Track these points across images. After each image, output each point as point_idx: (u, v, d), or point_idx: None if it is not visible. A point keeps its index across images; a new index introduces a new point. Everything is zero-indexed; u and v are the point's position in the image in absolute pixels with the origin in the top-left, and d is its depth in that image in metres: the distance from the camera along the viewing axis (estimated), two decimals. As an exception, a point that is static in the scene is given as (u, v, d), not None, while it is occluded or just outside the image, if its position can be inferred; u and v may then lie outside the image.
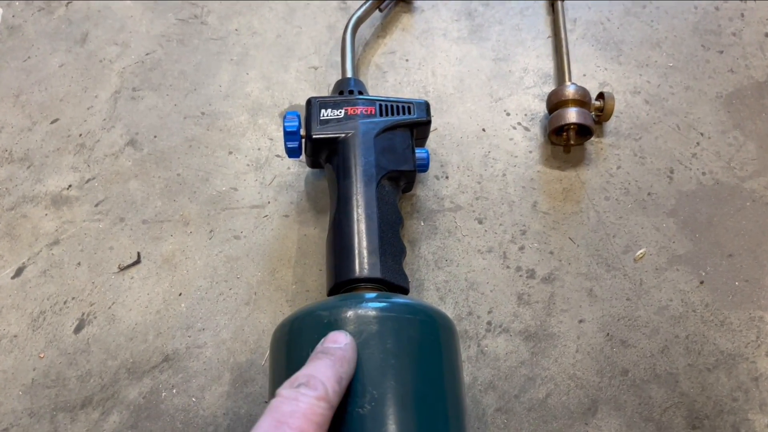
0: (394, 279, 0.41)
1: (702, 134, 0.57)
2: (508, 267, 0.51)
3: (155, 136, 0.58)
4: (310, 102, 0.48)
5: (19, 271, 0.51)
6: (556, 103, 0.55)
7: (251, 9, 0.65)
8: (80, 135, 0.58)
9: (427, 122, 0.49)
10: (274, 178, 0.55)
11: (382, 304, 0.36)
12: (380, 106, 0.48)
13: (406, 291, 0.43)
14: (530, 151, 0.56)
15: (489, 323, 0.48)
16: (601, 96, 0.56)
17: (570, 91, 0.54)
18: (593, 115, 0.55)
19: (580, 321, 0.49)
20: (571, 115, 0.53)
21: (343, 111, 0.47)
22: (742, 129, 0.57)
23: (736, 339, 0.48)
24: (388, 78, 0.61)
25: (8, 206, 0.54)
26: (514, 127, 0.58)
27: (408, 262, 0.50)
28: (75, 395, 0.46)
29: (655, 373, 0.47)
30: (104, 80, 0.61)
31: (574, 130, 0.54)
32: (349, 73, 0.54)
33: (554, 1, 0.64)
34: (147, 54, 0.63)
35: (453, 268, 0.51)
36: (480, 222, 0.53)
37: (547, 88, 0.60)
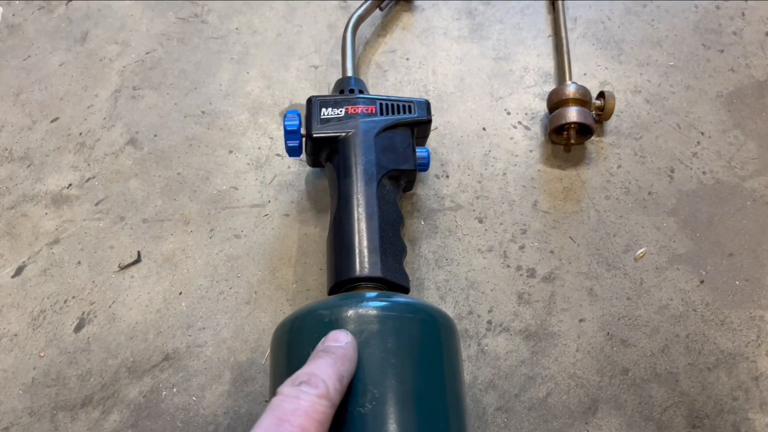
0: (394, 278, 0.41)
1: (702, 133, 0.57)
2: (508, 266, 0.51)
3: (155, 135, 0.58)
4: (310, 101, 0.48)
5: (19, 270, 0.51)
6: (556, 102, 0.55)
7: (252, 8, 0.65)
8: (80, 134, 0.58)
9: (428, 121, 0.49)
10: (274, 177, 0.55)
11: (383, 303, 0.36)
12: (381, 105, 0.48)
13: (407, 290, 0.43)
14: (531, 150, 0.56)
15: (489, 322, 0.48)
16: (601, 95, 0.56)
17: (570, 90, 0.54)
18: (594, 114, 0.55)
19: (581, 320, 0.49)
20: (572, 114, 0.53)
21: (343, 110, 0.47)
22: (743, 128, 0.57)
23: (737, 338, 0.48)
24: (389, 77, 0.61)
25: (8, 205, 0.54)
26: (515, 126, 0.58)
27: (408, 261, 0.50)
28: (75, 394, 0.46)
29: (656, 372, 0.47)
30: (104, 79, 0.61)
31: (574, 129, 0.54)
32: (350, 72, 0.54)
33: (555, 0, 0.64)
34: (147, 53, 0.63)
35: (453, 267, 0.51)
36: (480, 221, 0.53)
37: (547, 87, 0.60)
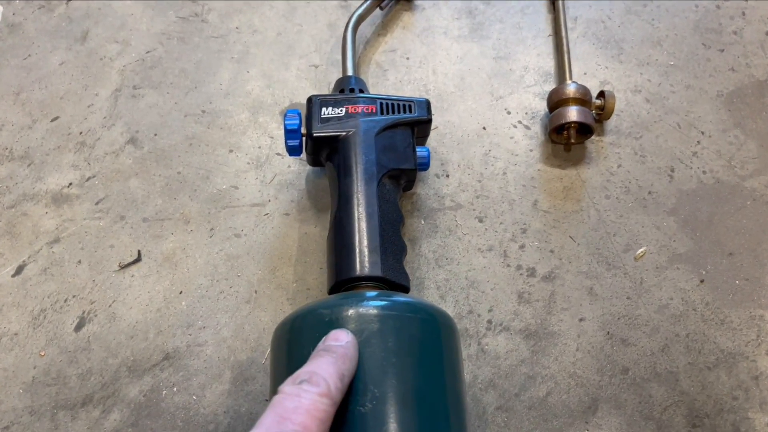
0: (394, 277, 0.41)
1: (703, 133, 0.57)
2: (508, 265, 0.51)
3: (156, 134, 0.58)
4: (310, 100, 0.48)
5: (19, 270, 0.51)
6: (556, 101, 0.55)
7: (252, 7, 0.65)
8: (81, 133, 0.58)
9: (428, 120, 0.49)
10: (274, 177, 0.55)
11: (383, 302, 0.36)
12: (381, 104, 0.48)
13: (407, 289, 0.43)
14: (531, 150, 0.56)
15: (489, 322, 0.49)
16: (601, 94, 0.56)
17: (571, 90, 0.54)
18: (594, 113, 0.55)
19: (581, 319, 0.49)
20: (572, 113, 0.53)
21: (343, 109, 0.47)
22: (743, 128, 0.57)
23: (737, 338, 0.48)
24: (389, 76, 0.61)
25: (9, 204, 0.54)
26: (515, 126, 0.58)
27: (409, 260, 0.50)
28: (75, 393, 0.46)
29: (656, 371, 0.47)
30: (105, 78, 0.61)
31: (574, 129, 0.54)
32: (350, 72, 0.54)
33: (555, -1, 0.64)
34: (147, 52, 0.63)
35: (453, 267, 0.51)
36: (480, 220, 0.53)
37: (547, 87, 0.60)
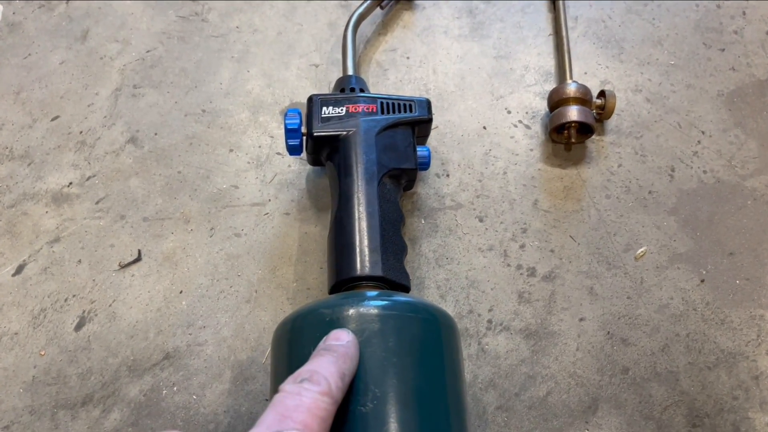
0: (395, 277, 0.41)
1: (703, 132, 0.57)
2: (508, 265, 0.51)
3: (156, 134, 0.57)
4: (311, 99, 0.48)
5: (19, 269, 0.51)
6: (557, 101, 0.55)
7: (252, 6, 0.65)
8: (81, 132, 0.58)
9: (429, 120, 0.49)
10: (274, 176, 0.55)
11: (384, 302, 0.36)
12: (382, 103, 0.48)
13: (408, 289, 0.43)
14: (531, 149, 0.56)
15: (490, 321, 0.49)
16: (602, 94, 0.56)
17: (571, 89, 0.54)
18: (594, 113, 0.55)
19: (581, 319, 0.49)
20: (572, 113, 0.53)
21: (344, 108, 0.47)
22: (744, 127, 0.57)
23: (737, 337, 0.48)
24: (389, 75, 0.61)
25: (9, 204, 0.54)
26: (515, 125, 0.58)
27: (409, 260, 0.50)
28: (76, 393, 0.46)
29: (656, 371, 0.47)
30: (105, 77, 0.61)
31: (575, 128, 0.54)
32: (350, 71, 0.54)
33: (555, -2, 0.64)
34: (148, 51, 0.63)
35: (454, 266, 0.51)
36: (481, 220, 0.53)
37: (548, 86, 0.60)
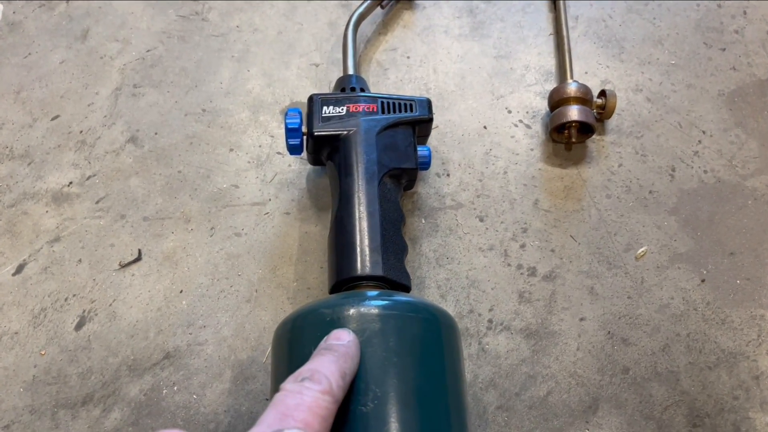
0: (395, 277, 0.41)
1: (704, 132, 0.57)
2: (509, 265, 0.51)
3: (156, 133, 0.57)
4: (311, 99, 0.48)
5: (20, 268, 0.51)
6: (557, 100, 0.55)
7: (252, 6, 0.65)
8: (81, 132, 0.58)
9: (429, 120, 0.49)
10: (275, 176, 0.55)
11: (385, 302, 0.36)
12: (382, 103, 0.48)
13: (408, 289, 0.43)
14: (532, 149, 0.56)
15: (490, 321, 0.48)
16: (602, 94, 0.56)
17: (571, 89, 0.54)
18: (595, 112, 0.55)
19: (581, 319, 0.49)
20: (573, 112, 0.53)
21: (344, 108, 0.47)
22: (744, 127, 0.57)
23: (737, 337, 0.48)
24: (390, 75, 0.61)
25: (9, 203, 0.54)
26: (516, 125, 0.58)
27: (409, 259, 0.50)
28: (76, 392, 0.46)
29: (656, 371, 0.47)
30: (105, 77, 0.61)
31: (575, 128, 0.54)
32: (351, 70, 0.54)
33: (556, -2, 0.64)
34: (148, 51, 0.62)
35: (454, 266, 0.51)
36: (481, 220, 0.53)
37: (548, 86, 0.60)
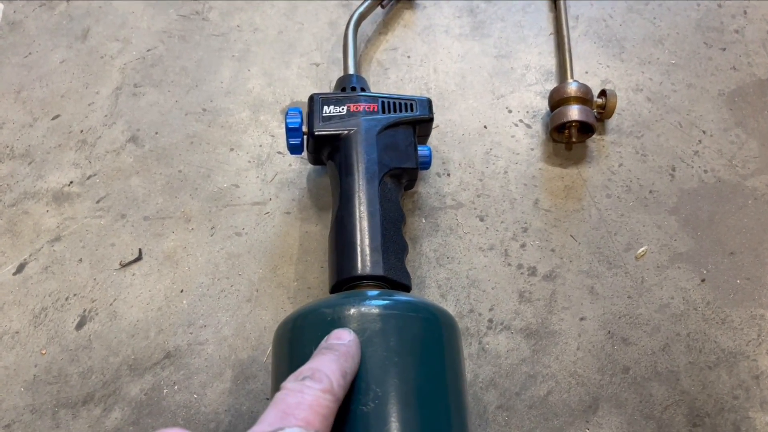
0: (396, 276, 0.41)
1: (704, 132, 0.57)
2: (509, 264, 0.51)
3: (156, 133, 0.57)
4: (312, 98, 0.48)
5: (20, 268, 0.51)
6: (558, 100, 0.55)
7: (253, 5, 0.65)
8: (81, 131, 0.58)
9: (430, 119, 0.49)
10: (275, 175, 0.55)
11: (385, 301, 0.36)
12: (383, 103, 0.48)
13: (409, 288, 0.43)
14: (532, 149, 0.56)
15: (490, 321, 0.49)
16: (603, 93, 0.56)
17: (572, 89, 0.54)
18: (595, 112, 0.55)
19: (582, 318, 0.49)
20: (573, 112, 0.53)
21: (345, 108, 0.47)
22: (745, 127, 0.57)
23: (738, 337, 0.48)
24: (390, 75, 0.61)
25: (9, 202, 0.54)
26: (516, 125, 0.58)
27: (410, 259, 0.50)
28: (77, 392, 0.46)
29: (656, 370, 0.47)
30: (105, 76, 0.61)
31: (575, 128, 0.54)
32: (351, 70, 0.54)
33: (556, -2, 0.64)
34: (148, 50, 0.62)
35: (454, 266, 0.51)
36: (481, 219, 0.53)
37: (549, 86, 0.60)
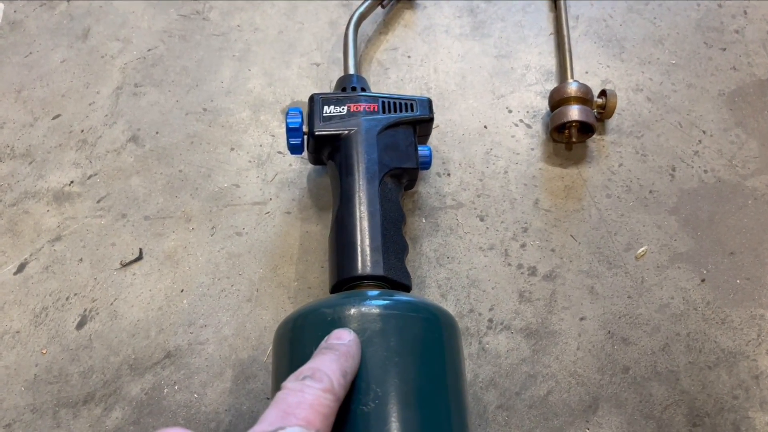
0: (396, 276, 0.41)
1: (704, 132, 0.57)
2: (509, 264, 0.51)
3: (157, 133, 0.58)
4: (312, 98, 0.48)
5: (21, 267, 0.51)
6: (558, 100, 0.55)
7: (253, 5, 0.65)
8: (82, 131, 0.58)
9: (430, 119, 0.49)
10: (276, 175, 0.55)
11: (385, 301, 0.36)
12: (383, 103, 0.48)
13: (409, 288, 0.43)
14: (532, 149, 0.56)
15: (490, 320, 0.49)
16: (603, 93, 0.56)
17: (572, 89, 0.54)
18: (595, 112, 0.55)
19: (582, 318, 0.49)
20: (573, 112, 0.53)
21: (345, 108, 0.47)
22: (744, 127, 0.57)
23: (737, 337, 0.48)
24: (390, 74, 0.61)
25: (10, 202, 0.54)
26: (516, 125, 0.58)
27: (410, 259, 0.50)
28: (77, 391, 0.46)
29: (656, 370, 0.47)
30: (106, 76, 0.61)
31: (576, 128, 0.54)
32: (352, 70, 0.54)
33: (557, -2, 0.64)
34: (149, 50, 0.63)
35: (455, 266, 0.51)
36: (482, 219, 0.53)
37: (549, 86, 0.60)
